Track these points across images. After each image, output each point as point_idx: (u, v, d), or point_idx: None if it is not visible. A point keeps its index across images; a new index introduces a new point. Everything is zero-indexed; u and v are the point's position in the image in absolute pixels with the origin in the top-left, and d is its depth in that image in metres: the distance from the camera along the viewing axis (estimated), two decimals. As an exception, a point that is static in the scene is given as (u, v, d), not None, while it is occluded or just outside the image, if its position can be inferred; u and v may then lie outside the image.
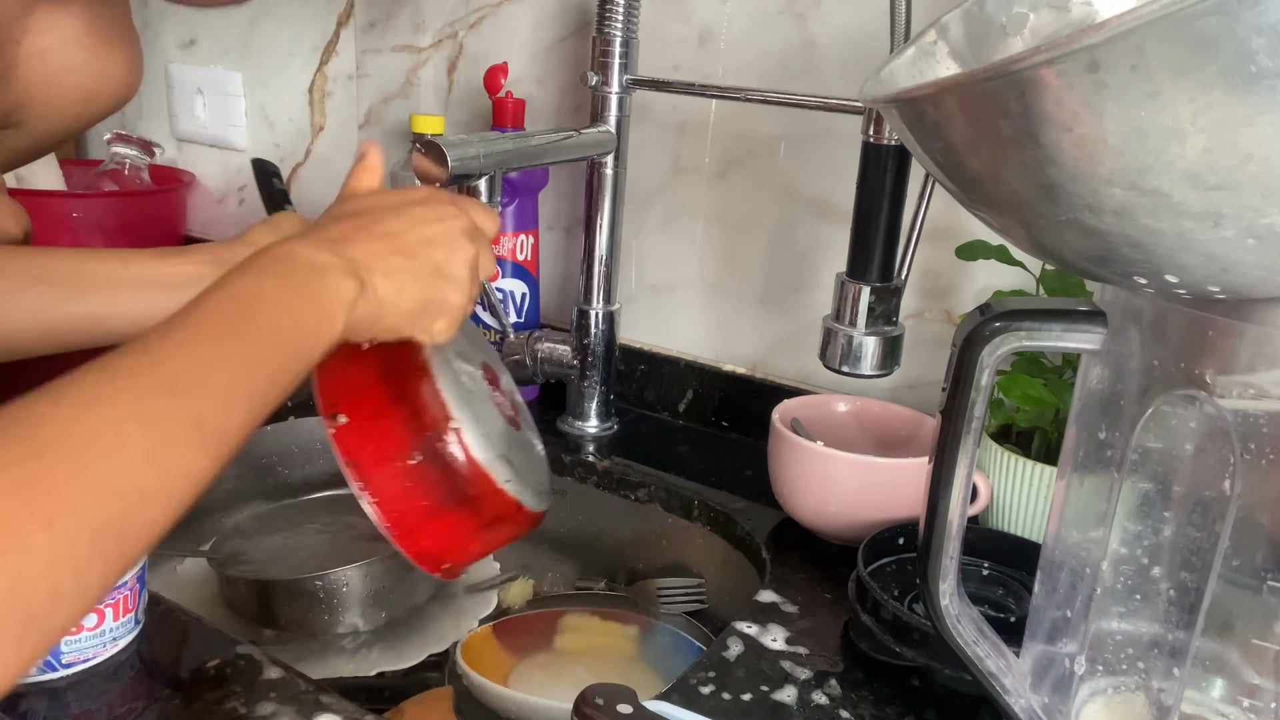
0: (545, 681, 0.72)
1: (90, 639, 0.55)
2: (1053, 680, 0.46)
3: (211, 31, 1.24)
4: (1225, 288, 0.34)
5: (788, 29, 0.86)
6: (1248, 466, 0.38)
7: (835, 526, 0.73)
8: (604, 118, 0.85)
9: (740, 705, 0.56)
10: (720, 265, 0.94)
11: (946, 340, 0.46)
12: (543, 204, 0.99)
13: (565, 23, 0.97)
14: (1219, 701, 0.42)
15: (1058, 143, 0.31)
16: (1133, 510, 0.42)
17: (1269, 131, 0.27)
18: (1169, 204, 0.30)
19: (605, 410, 0.93)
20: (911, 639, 0.57)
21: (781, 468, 0.74)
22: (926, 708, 0.57)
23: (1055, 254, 0.38)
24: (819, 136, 0.86)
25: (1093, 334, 0.42)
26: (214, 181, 1.30)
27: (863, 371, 0.70)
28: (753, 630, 0.63)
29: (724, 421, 0.95)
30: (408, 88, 1.10)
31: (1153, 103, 0.28)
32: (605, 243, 0.88)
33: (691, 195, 0.94)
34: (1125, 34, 0.27)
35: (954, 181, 0.40)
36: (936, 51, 0.50)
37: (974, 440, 0.45)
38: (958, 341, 0.44)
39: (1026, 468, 0.69)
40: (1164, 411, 0.40)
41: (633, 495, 0.85)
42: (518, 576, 0.84)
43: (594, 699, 0.46)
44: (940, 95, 0.36)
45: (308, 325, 0.44)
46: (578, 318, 0.90)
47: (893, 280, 0.69)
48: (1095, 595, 0.43)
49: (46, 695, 0.53)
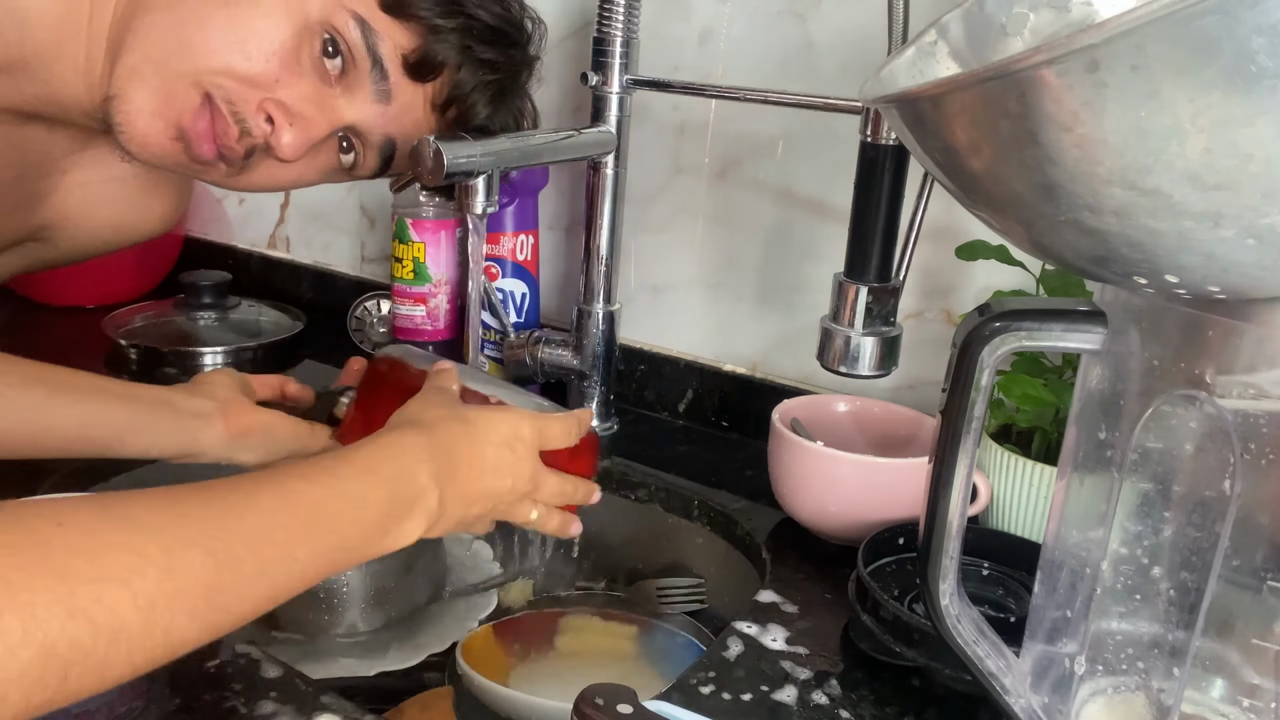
0: (546, 682, 0.72)
1: (90, 639, 0.54)
2: (1053, 680, 0.46)
3: (211, 31, 1.24)
4: (1225, 288, 0.34)
5: (788, 29, 0.86)
6: (1248, 466, 0.38)
7: (835, 526, 0.73)
8: (604, 118, 0.85)
9: (740, 705, 0.56)
10: (720, 265, 0.94)
11: (946, 340, 0.46)
12: (543, 204, 0.99)
13: (565, 23, 0.97)
14: (1219, 701, 0.42)
15: (1058, 143, 0.31)
16: (1133, 510, 0.42)
17: (1269, 131, 0.27)
18: (1169, 204, 0.30)
19: (605, 410, 0.93)
20: (911, 639, 0.57)
21: (781, 468, 0.74)
22: (926, 708, 0.57)
23: (1055, 254, 0.38)
24: (818, 136, 0.86)
25: (1093, 334, 0.42)
26: (214, 181, 1.30)
27: (860, 372, 0.70)
28: (753, 630, 0.63)
29: (724, 421, 0.95)
30: (407, 88, 1.09)
31: (1153, 103, 0.28)
32: (605, 243, 0.88)
33: (691, 195, 0.94)
34: (1125, 34, 0.27)
35: (954, 181, 0.40)
36: (936, 51, 0.50)
37: (974, 440, 0.45)
38: (958, 341, 0.44)
39: (1026, 468, 0.69)
40: (1164, 411, 0.40)
41: (633, 495, 0.85)
42: (518, 576, 0.84)
43: (594, 699, 0.46)
44: (940, 95, 0.36)
45: (373, 542, 0.47)
46: (578, 318, 0.90)
47: (891, 280, 0.69)
48: (1095, 595, 0.43)
49: (46, 695, 0.53)
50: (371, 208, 1.17)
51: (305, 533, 0.42)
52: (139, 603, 0.34)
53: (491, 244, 0.93)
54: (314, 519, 0.42)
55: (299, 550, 0.41)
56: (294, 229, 1.25)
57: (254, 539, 0.39)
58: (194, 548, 0.36)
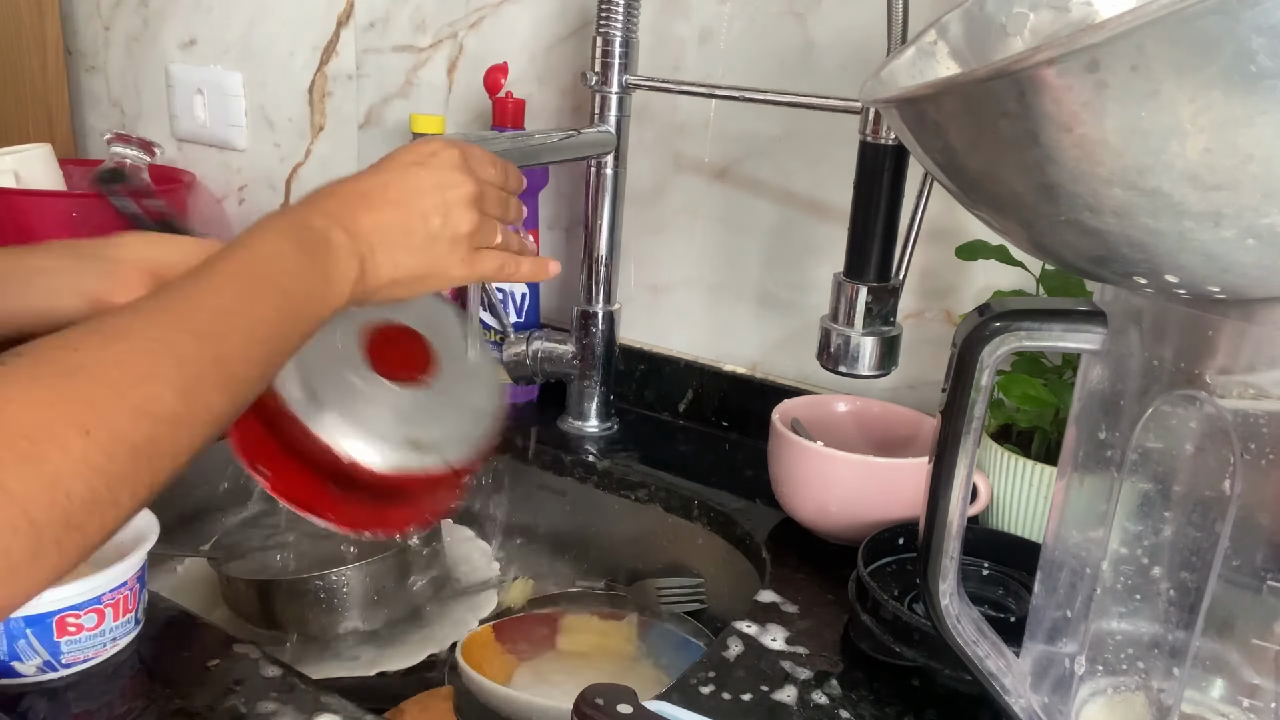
0: (546, 682, 0.72)
1: (90, 639, 0.55)
2: (1053, 680, 0.46)
3: (211, 31, 1.24)
4: (1225, 288, 0.34)
5: (788, 29, 0.86)
6: (1248, 466, 0.38)
7: (835, 526, 0.73)
8: (604, 118, 0.85)
9: (740, 705, 0.56)
10: (720, 265, 0.94)
11: (946, 340, 0.46)
12: (543, 204, 0.99)
13: (565, 23, 0.97)
14: (1219, 701, 0.42)
15: (1058, 143, 0.31)
16: (1133, 510, 0.42)
17: (1269, 131, 0.27)
18: (1169, 204, 0.30)
19: (605, 410, 0.93)
20: (911, 639, 0.57)
21: (781, 468, 0.74)
22: (926, 708, 0.57)
23: (1055, 254, 0.38)
24: (818, 136, 0.86)
25: (1093, 334, 0.42)
26: (214, 181, 1.30)
27: (860, 372, 0.70)
28: (753, 630, 0.63)
29: (724, 421, 0.95)
30: (408, 88, 1.10)
31: (1153, 103, 0.28)
32: (605, 243, 0.88)
33: (691, 195, 0.94)
34: (1125, 34, 0.27)
35: (954, 181, 0.40)
36: (936, 51, 0.50)
37: (974, 440, 0.45)
38: (958, 341, 0.44)
39: (1026, 468, 0.69)
40: (1164, 411, 0.40)
41: (633, 495, 0.85)
42: (518, 576, 0.84)
43: (594, 699, 0.46)
44: (940, 95, 0.36)
45: (317, 293, 0.47)
46: (578, 318, 0.90)
47: (890, 280, 0.69)
48: (1095, 595, 0.43)
49: (46, 695, 0.53)
50: (371, 208, 1.17)
51: (256, 295, 0.44)
52: (177, 391, 0.38)
53: (491, 244, 0.93)
54: (254, 283, 0.44)
55: (262, 310, 0.43)
56: (294, 229, 1.25)
57: (221, 313, 0.42)
58: (184, 335, 0.39)
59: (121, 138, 1.24)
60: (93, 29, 1.36)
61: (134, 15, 1.31)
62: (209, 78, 1.25)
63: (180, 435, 0.38)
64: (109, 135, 1.25)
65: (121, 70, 1.35)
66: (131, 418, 0.36)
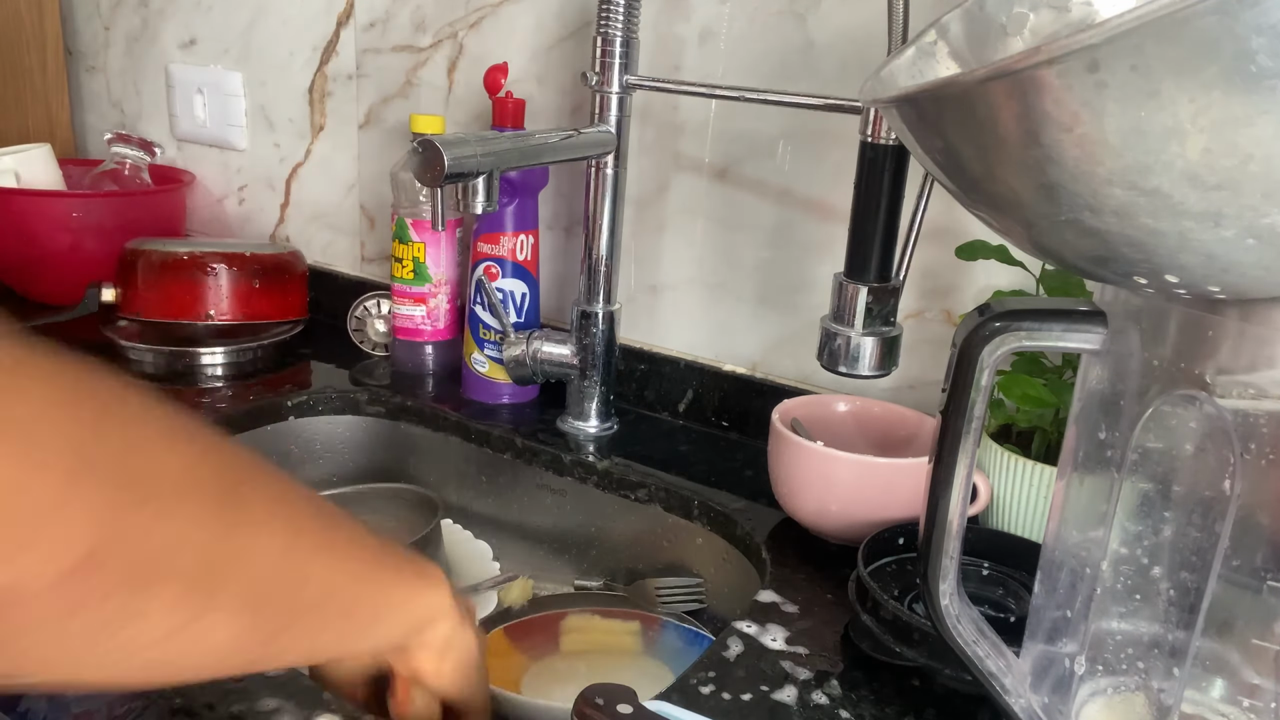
0: (553, 683, 0.72)
1: (90, 639, 0.54)
2: (1053, 680, 0.46)
3: (211, 31, 1.24)
4: (1225, 288, 0.34)
5: (788, 29, 0.86)
6: (1248, 466, 0.38)
7: (835, 526, 0.73)
8: (604, 118, 0.85)
9: (740, 705, 0.56)
10: (720, 265, 0.94)
11: (946, 340, 0.46)
12: (543, 204, 0.99)
13: (565, 23, 0.97)
14: (1219, 701, 0.42)
15: (1058, 143, 0.31)
16: (1133, 510, 0.42)
17: (1269, 131, 0.27)
18: (1169, 204, 0.30)
19: (605, 410, 0.93)
20: (911, 639, 0.57)
21: (781, 468, 0.74)
22: (926, 708, 0.57)
23: (1055, 254, 0.38)
24: (819, 136, 0.86)
25: (1093, 334, 0.42)
26: (214, 181, 1.30)
27: (860, 372, 0.70)
28: (753, 630, 0.63)
29: (724, 421, 0.95)
30: (408, 88, 1.10)
31: (1153, 103, 0.28)
32: (605, 243, 0.88)
33: (691, 195, 0.94)
34: (1125, 34, 0.27)
35: (954, 181, 0.40)
36: (936, 51, 0.50)
37: (974, 440, 0.45)
38: (958, 341, 0.44)
39: (1026, 468, 0.69)
40: (1164, 411, 0.40)
41: (633, 495, 0.85)
42: (518, 576, 0.84)
43: (594, 699, 0.46)
44: (940, 95, 0.36)
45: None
46: (578, 318, 0.90)
47: (891, 280, 0.69)
48: (1095, 595, 0.43)
49: (46, 695, 0.53)
50: (371, 207, 1.18)
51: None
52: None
53: (491, 244, 0.93)
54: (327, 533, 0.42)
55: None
56: (294, 228, 1.25)
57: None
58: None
59: (121, 138, 1.24)
60: (93, 29, 1.37)
61: (134, 15, 1.31)
62: (209, 78, 1.25)
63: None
64: (109, 135, 1.25)
65: (121, 70, 1.35)
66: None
